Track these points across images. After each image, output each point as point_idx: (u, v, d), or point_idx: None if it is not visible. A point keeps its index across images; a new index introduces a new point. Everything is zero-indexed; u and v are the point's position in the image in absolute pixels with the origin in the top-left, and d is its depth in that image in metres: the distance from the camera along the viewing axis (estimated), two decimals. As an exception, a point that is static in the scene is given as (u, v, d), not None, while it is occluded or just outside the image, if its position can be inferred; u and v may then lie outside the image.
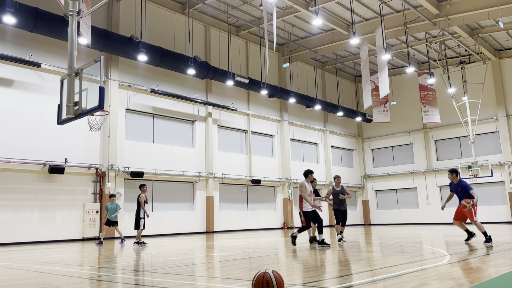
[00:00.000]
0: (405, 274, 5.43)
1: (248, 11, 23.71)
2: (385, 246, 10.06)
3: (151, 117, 21.52)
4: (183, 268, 6.96)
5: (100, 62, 7.90)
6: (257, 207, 25.92)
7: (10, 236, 15.94)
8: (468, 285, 4.53)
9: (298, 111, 29.59)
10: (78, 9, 8.64)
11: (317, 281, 5.22)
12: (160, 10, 22.18)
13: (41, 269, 7.18)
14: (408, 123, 32.53)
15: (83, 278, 6.10)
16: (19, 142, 16.70)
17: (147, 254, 9.86)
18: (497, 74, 29.03)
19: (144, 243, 13.00)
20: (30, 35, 17.30)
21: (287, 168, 27.53)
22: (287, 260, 7.77)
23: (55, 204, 17.37)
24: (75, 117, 8.21)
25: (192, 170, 22.45)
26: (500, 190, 28.37)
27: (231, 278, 5.67)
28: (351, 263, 6.93)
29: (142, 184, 13.24)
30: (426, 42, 27.16)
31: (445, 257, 7.36)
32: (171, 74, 22.15)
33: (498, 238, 11.86)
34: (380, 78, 20.73)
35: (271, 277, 3.89)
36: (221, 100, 24.39)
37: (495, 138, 29.04)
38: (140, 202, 12.87)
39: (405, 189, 32.30)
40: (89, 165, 18.41)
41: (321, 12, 22.49)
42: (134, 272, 6.69)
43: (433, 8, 22.05)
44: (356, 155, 34.63)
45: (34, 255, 10.48)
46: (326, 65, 32.26)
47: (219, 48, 24.87)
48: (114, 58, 19.89)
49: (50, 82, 17.82)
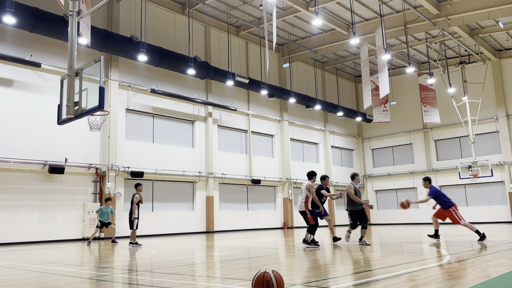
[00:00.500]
0: (405, 274, 5.43)
1: (248, 11, 23.71)
2: (385, 246, 10.06)
3: (151, 117, 21.52)
4: (183, 268, 6.96)
5: (100, 62, 7.89)
6: (257, 207, 25.92)
7: (10, 236, 15.94)
8: (468, 285, 4.53)
9: (298, 111, 29.59)
10: (78, 9, 8.64)
11: (317, 281, 5.23)
12: (160, 10, 22.18)
13: (41, 269, 7.18)
14: (408, 123, 32.53)
15: (83, 278, 6.10)
16: (19, 142, 16.69)
17: (147, 254, 9.86)
18: (497, 74, 29.03)
19: (138, 244, 12.85)
20: (30, 35, 17.30)
21: (287, 168, 27.54)
22: (287, 260, 7.77)
23: (55, 204, 17.37)
24: (75, 117, 8.21)
25: (192, 170, 22.45)
26: (500, 190, 28.37)
27: (231, 278, 5.67)
28: (351, 263, 6.92)
29: (137, 184, 12.85)
30: (426, 42, 27.16)
31: (445, 257, 7.36)
32: (171, 74, 22.15)
33: (498, 238, 11.86)
34: (380, 78, 20.73)
35: (271, 277, 3.89)
36: (221, 100, 24.39)
37: (495, 138, 29.04)
38: (133, 201, 12.54)
39: (405, 189, 32.29)
40: (89, 165, 18.41)
41: (321, 12, 22.48)
42: (134, 272, 6.69)
43: (433, 8, 22.04)
44: (356, 155, 34.63)
45: (34, 255, 10.48)
46: (326, 65, 32.26)
47: (219, 48, 24.87)
48: (114, 58, 19.89)
49: (50, 82, 17.82)
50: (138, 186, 12.76)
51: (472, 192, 29.44)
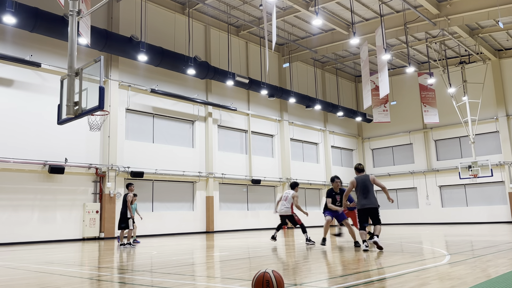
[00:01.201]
0: (405, 274, 5.43)
1: (248, 11, 23.71)
2: (385, 246, 10.06)
3: (151, 117, 21.52)
4: (183, 268, 6.96)
5: (100, 62, 7.89)
6: (257, 207, 25.92)
7: (10, 236, 15.94)
8: (468, 285, 4.53)
9: (298, 111, 29.60)
10: (78, 9, 8.64)
11: (317, 281, 5.23)
12: (160, 10, 22.18)
13: (41, 269, 7.18)
14: (408, 123, 32.53)
15: (83, 278, 6.10)
16: (19, 142, 16.69)
17: (147, 254, 9.86)
18: (497, 74, 29.03)
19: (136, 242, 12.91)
20: (30, 35, 17.30)
21: (287, 168, 27.53)
22: (287, 260, 7.77)
23: (55, 204, 17.37)
24: (75, 117, 8.21)
25: (192, 170, 22.45)
26: (500, 190, 28.37)
27: (231, 278, 5.67)
28: (351, 263, 6.92)
29: (129, 184, 12.85)
30: (426, 42, 27.16)
31: (445, 257, 7.36)
32: (171, 74, 22.14)
33: (498, 238, 11.86)
34: (380, 78, 20.73)
35: (271, 277, 3.89)
36: (221, 100, 24.39)
37: (495, 138, 29.04)
38: (127, 201, 12.51)
39: (405, 189, 32.29)
40: (89, 165, 18.41)
41: (321, 12, 22.48)
42: (134, 272, 6.69)
43: (433, 8, 22.04)
44: (356, 155, 34.63)
45: (34, 255, 10.48)
46: (326, 65, 32.26)
47: (219, 48, 24.87)
48: (114, 58, 19.89)
49: (50, 82, 17.82)
50: (129, 186, 12.72)
51: (472, 192, 29.44)
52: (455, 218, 29.46)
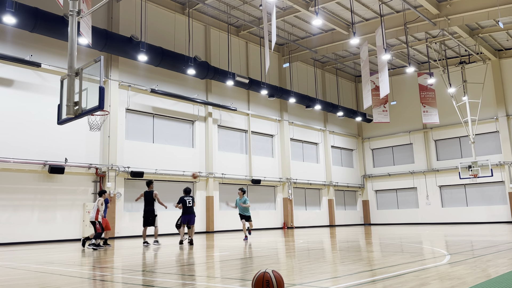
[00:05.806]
0: (405, 274, 5.43)
1: (248, 11, 23.71)
2: (385, 246, 10.07)
3: (151, 117, 21.52)
4: (183, 268, 6.96)
5: (100, 62, 7.89)
6: (257, 207, 25.91)
7: (10, 236, 15.93)
8: (468, 285, 4.53)
9: (298, 111, 29.59)
10: (78, 9, 8.64)
11: (317, 281, 5.23)
12: (160, 10, 22.18)
13: (41, 269, 7.18)
14: (408, 123, 32.53)
15: (83, 278, 6.10)
16: (19, 142, 16.69)
17: (147, 254, 9.86)
18: (497, 74, 29.03)
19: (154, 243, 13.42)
20: (30, 35, 17.29)
21: (287, 168, 27.53)
22: (287, 260, 7.77)
23: (55, 204, 17.37)
24: (75, 117, 8.21)
25: (192, 170, 22.42)
26: (500, 190, 28.37)
27: (231, 278, 5.67)
28: (351, 263, 6.93)
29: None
30: (426, 42, 27.16)
31: (445, 257, 7.36)
32: (171, 74, 22.14)
33: (498, 238, 11.87)
34: (380, 78, 20.73)
35: (271, 277, 3.89)
36: (221, 100, 24.38)
37: (495, 138, 29.04)
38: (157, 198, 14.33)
39: (405, 189, 32.30)
40: (89, 165, 18.41)
41: (321, 12, 22.48)
42: (134, 272, 6.69)
43: (433, 8, 22.04)
44: (356, 155, 34.63)
45: (34, 255, 10.48)
46: (326, 65, 32.26)
47: (219, 48, 24.86)
48: (114, 58, 19.89)
49: (50, 82, 17.81)
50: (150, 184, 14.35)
51: (472, 192, 29.44)
52: (455, 218, 29.47)
